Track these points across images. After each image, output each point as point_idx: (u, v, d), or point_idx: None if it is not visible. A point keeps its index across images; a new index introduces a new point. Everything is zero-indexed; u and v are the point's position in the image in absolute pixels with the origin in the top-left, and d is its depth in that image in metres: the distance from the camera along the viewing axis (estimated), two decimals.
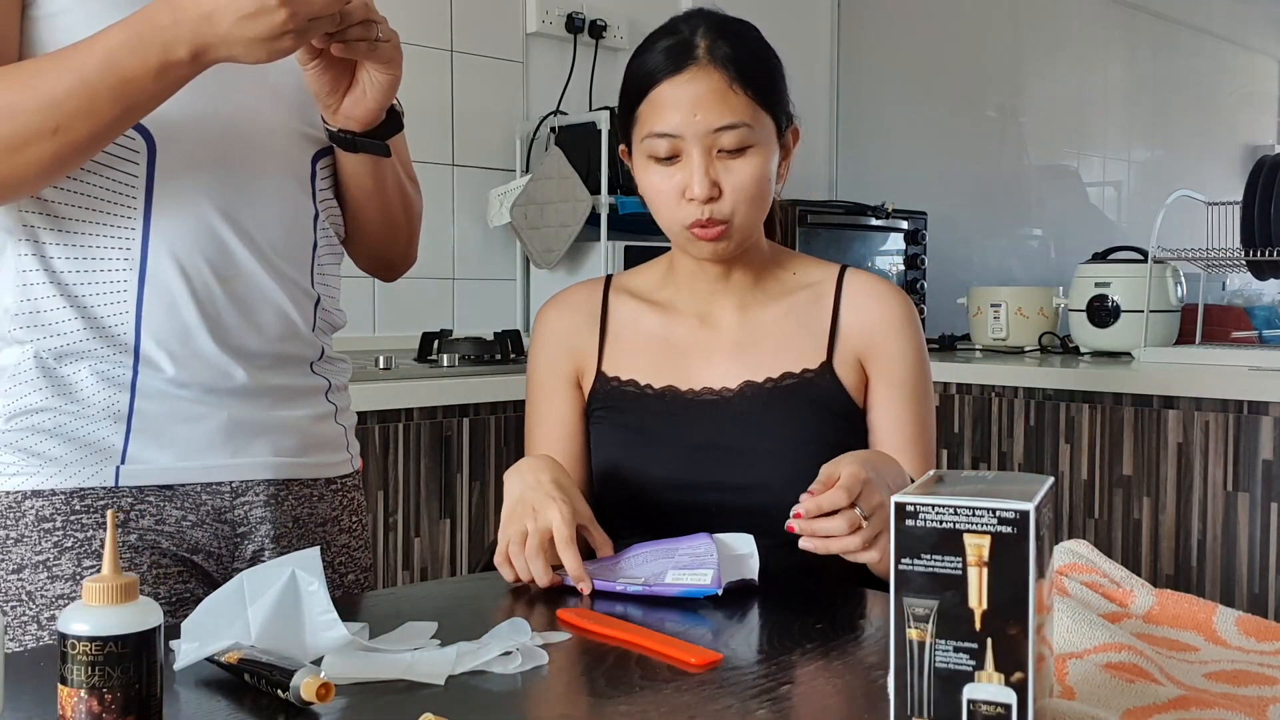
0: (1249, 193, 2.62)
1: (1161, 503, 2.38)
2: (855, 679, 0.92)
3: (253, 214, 1.14)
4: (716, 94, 1.28)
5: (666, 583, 1.13)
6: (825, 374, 1.37)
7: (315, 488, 1.24)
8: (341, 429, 1.28)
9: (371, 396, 2.08)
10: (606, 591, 1.13)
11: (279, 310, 1.17)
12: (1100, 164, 4.65)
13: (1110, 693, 0.85)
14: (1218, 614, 1.04)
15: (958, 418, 2.68)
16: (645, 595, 1.12)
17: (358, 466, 1.32)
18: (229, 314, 1.14)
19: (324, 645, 0.92)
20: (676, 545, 1.20)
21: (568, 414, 1.42)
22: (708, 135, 1.28)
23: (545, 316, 1.47)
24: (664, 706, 0.87)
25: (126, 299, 1.10)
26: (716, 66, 1.28)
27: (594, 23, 3.13)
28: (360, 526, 1.31)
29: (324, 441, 1.25)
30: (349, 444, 1.30)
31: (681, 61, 1.29)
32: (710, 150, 1.28)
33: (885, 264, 3.30)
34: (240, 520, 1.18)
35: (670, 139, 1.29)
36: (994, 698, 0.71)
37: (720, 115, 1.28)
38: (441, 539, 2.20)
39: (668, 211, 1.32)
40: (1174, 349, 2.73)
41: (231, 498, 1.17)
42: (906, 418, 1.38)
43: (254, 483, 1.18)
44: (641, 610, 1.09)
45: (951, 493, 0.72)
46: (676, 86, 1.28)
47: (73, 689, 0.72)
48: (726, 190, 1.29)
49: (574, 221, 2.80)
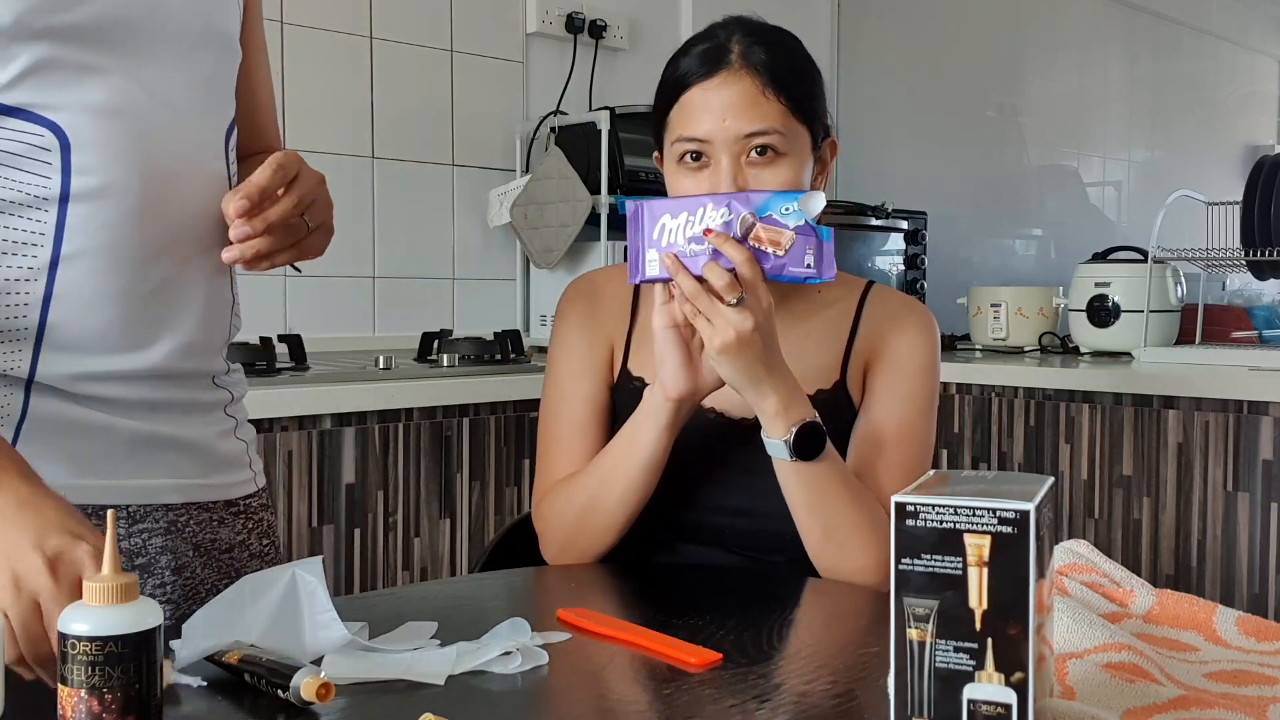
0: (1249, 193, 2.62)
1: (1161, 503, 2.38)
2: (855, 679, 0.92)
3: (170, 211, 1.05)
4: (748, 100, 1.25)
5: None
6: (839, 392, 1.34)
7: (215, 511, 1.15)
8: (243, 445, 1.20)
9: (371, 396, 2.08)
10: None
11: (197, 317, 1.09)
12: (1100, 164, 4.65)
13: (1110, 693, 0.85)
14: (1218, 614, 1.04)
15: (958, 418, 2.68)
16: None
17: (261, 485, 1.23)
18: (141, 321, 1.05)
19: (324, 645, 0.92)
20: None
21: (599, 398, 1.37)
22: (737, 141, 1.25)
23: (577, 294, 1.42)
24: (664, 706, 0.87)
25: (31, 297, 1.00)
26: (749, 72, 1.26)
27: (594, 23, 3.13)
28: (273, 549, 1.23)
29: (226, 460, 1.17)
30: (251, 461, 1.21)
31: (714, 66, 1.27)
32: (739, 157, 1.26)
33: (885, 264, 3.30)
34: (137, 550, 1.09)
35: (699, 144, 1.26)
36: (994, 698, 0.71)
37: (750, 121, 1.25)
38: (441, 539, 2.20)
39: None
40: (1174, 349, 2.73)
41: (128, 524, 1.08)
42: (890, 419, 1.32)
43: (153, 508, 1.10)
44: (642, 610, 1.09)
45: (951, 493, 0.72)
46: (707, 91, 1.26)
47: (73, 689, 0.71)
48: None
49: (574, 221, 2.80)
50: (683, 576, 1.30)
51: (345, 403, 2.05)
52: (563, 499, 1.32)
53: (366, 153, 2.79)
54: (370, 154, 2.80)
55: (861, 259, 3.23)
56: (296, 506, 2.00)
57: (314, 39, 2.69)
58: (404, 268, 2.86)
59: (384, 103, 2.82)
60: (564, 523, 1.32)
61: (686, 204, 1.19)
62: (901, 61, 3.89)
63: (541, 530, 1.35)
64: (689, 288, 1.15)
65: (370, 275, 2.80)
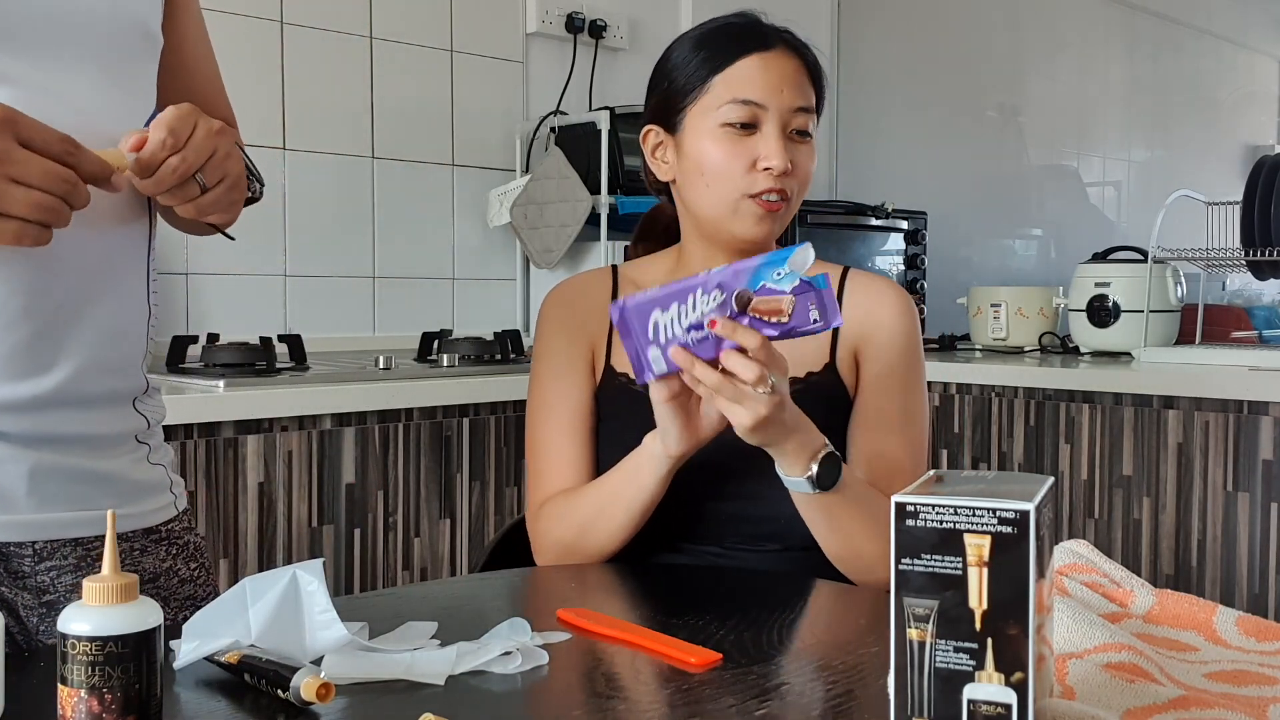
0: (1249, 193, 2.62)
1: (1161, 503, 2.38)
2: (855, 679, 0.92)
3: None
4: (799, 76, 1.32)
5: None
6: (829, 374, 1.37)
7: (134, 540, 1.09)
8: (161, 469, 1.13)
9: (371, 396, 2.08)
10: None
11: (112, 336, 1.03)
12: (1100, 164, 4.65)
13: (1110, 693, 0.85)
14: (1218, 614, 1.04)
15: (958, 418, 2.68)
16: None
17: (183, 507, 1.16)
18: (40, 343, 0.97)
19: (324, 645, 0.92)
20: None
21: (584, 398, 1.39)
22: (788, 112, 1.31)
23: (556, 300, 1.45)
24: (664, 706, 0.87)
25: None
26: (798, 54, 1.34)
27: (594, 23, 3.13)
28: (204, 572, 1.16)
29: (143, 488, 1.10)
30: (171, 484, 1.15)
31: (770, 40, 1.33)
32: (786, 128, 1.31)
33: (885, 264, 3.30)
34: (46, 587, 1.03)
35: (755, 108, 1.30)
36: (994, 698, 0.71)
37: (800, 96, 1.32)
38: (441, 539, 2.20)
39: (733, 180, 1.30)
40: (1174, 349, 2.73)
41: (34, 561, 1.02)
42: (892, 405, 1.36)
43: (61, 543, 1.03)
44: (642, 610, 1.09)
45: (951, 493, 0.72)
46: (767, 60, 1.32)
47: (73, 689, 0.71)
48: (796, 170, 1.31)
49: (574, 221, 2.80)
50: (683, 576, 1.30)
51: (345, 403, 2.05)
52: (559, 516, 1.34)
53: (366, 153, 2.79)
54: (370, 154, 2.80)
55: (861, 259, 3.23)
56: (296, 506, 2.00)
57: (314, 39, 2.69)
58: (404, 268, 2.86)
59: (384, 103, 2.82)
60: (560, 539, 1.33)
61: (673, 294, 1.14)
62: (901, 61, 3.89)
63: (536, 542, 1.37)
64: (712, 380, 1.12)
65: (370, 275, 2.80)
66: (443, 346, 2.49)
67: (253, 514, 1.96)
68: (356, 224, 2.76)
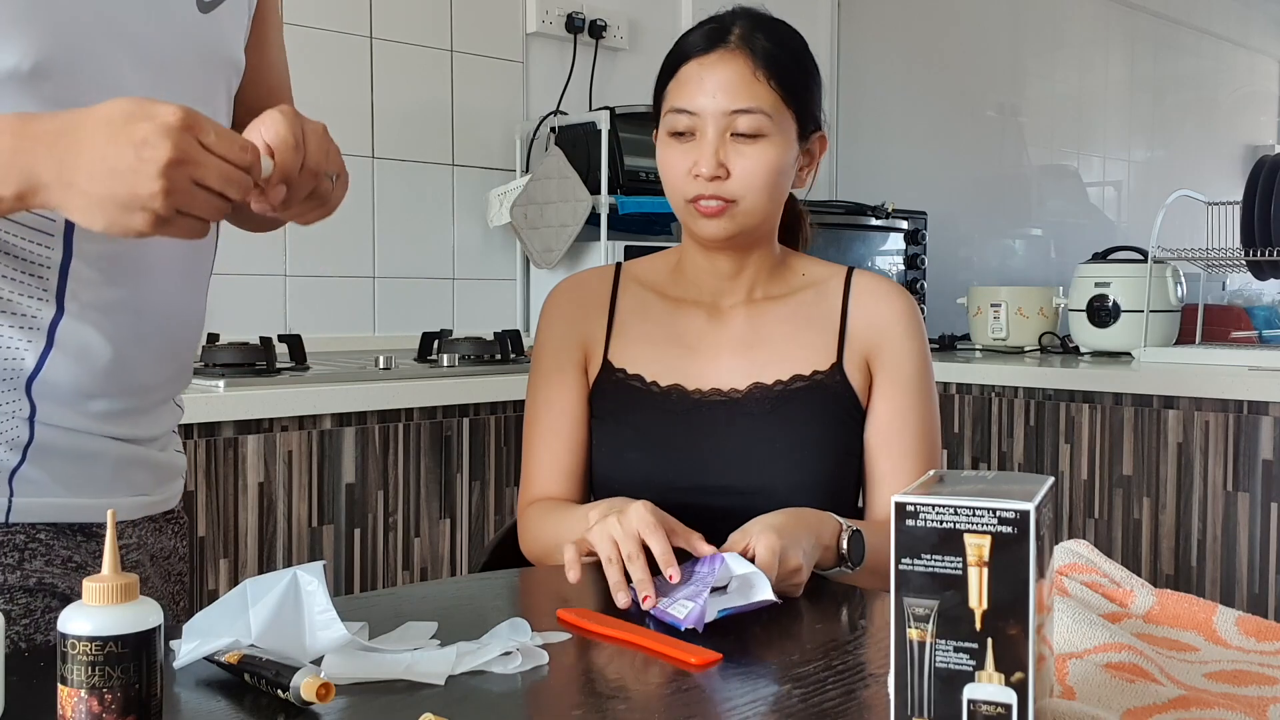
0: (1249, 193, 2.62)
1: (1161, 503, 2.38)
2: (855, 679, 0.92)
3: (151, 243, 0.96)
4: (739, 78, 1.31)
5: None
6: (835, 375, 1.37)
7: (158, 521, 1.17)
8: (181, 455, 1.21)
9: (371, 396, 2.08)
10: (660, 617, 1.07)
11: (189, 346, 1.12)
12: (1100, 164, 4.65)
13: (1110, 693, 0.85)
14: (1218, 614, 1.04)
15: (958, 418, 2.68)
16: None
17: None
18: (136, 350, 1.05)
19: (324, 645, 0.92)
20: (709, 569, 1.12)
21: (574, 399, 1.42)
22: (724, 116, 1.30)
23: (555, 299, 1.47)
24: (664, 706, 0.87)
25: (37, 338, 0.99)
26: (744, 53, 1.32)
27: (594, 23, 3.13)
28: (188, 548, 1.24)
29: (173, 472, 1.18)
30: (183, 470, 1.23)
31: (712, 43, 1.33)
32: (725, 132, 1.31)
33: (885, 264, 3.30)
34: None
35: (689, 115, 1.32)
36: (994, 698, 0.71)
37: (738, 99, 1.30)
38: (441, 539, 2.20)
39: (675, 186, 1.34)
40: (1174, 349, 2.73)
41: None
42: (913, 417, 1.38)
43: (125, 524, 1.11)
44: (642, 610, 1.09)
45: (951, 493, 0.72)
46: (703, 66, 1.32)
47: (73, 689, 0.71)
48: (735, 173, 1.31)
49: (574, 221, 2.80)
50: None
51: (345, 403, 2.05)
52: (533, 527, 1.40)
53: (366, 153, 2.79)
54: (370, 154, 2.80)
55: (861, 259, 3.23)
56: (296, 506, 2.00)
57: (314, 39, 2.69)
58: (404, 268, 2.86)
59: (384, 103, 2.82)
60: (531, 550, 1.40)
61: (663, 590, 1.09)
62: (901, 61, 3.89)
63: (521, 542, 1.43)
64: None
65: (370, 275, 2.80)
66: (443, 346, 2.49)
67: (253, 514, 1.96)
68: (357, 224, 2.76)
